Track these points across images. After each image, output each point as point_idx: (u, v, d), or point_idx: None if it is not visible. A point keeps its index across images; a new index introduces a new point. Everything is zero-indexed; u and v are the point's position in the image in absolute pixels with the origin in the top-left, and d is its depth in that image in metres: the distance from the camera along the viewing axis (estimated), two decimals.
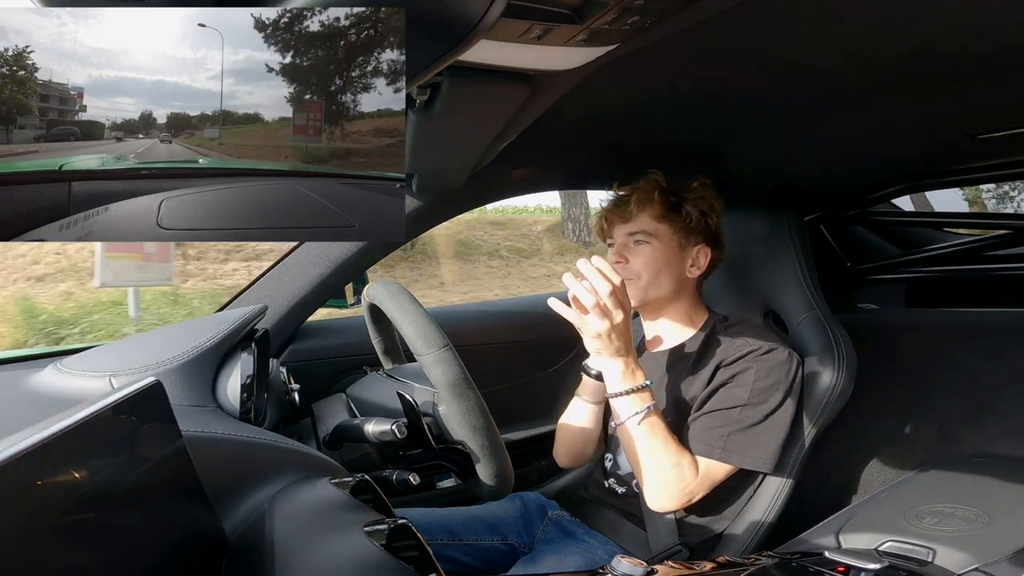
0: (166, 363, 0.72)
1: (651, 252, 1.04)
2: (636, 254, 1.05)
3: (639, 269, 1.04)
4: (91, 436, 0.39)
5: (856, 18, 0.66)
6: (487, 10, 0.40)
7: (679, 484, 0.92)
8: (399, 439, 0.74)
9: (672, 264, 1.05)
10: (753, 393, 0.96)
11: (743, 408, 0.96)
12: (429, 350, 0.72)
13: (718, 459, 0.95)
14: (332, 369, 1.31)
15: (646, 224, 1.04)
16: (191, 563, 0.48)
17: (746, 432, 0.95)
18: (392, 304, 0.77)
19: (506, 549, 1.09)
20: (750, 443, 0.95)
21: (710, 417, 0.97)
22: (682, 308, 1.09)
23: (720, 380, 0.98)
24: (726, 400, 0.97)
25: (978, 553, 0.77)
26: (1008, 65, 0.75)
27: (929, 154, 1.12)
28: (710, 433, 0.96)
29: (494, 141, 0.82)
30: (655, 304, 1.08)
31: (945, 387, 1.18)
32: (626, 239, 1.06)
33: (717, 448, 0.95)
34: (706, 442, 0.95)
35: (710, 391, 0.99)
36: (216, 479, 0.56)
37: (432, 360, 0.72)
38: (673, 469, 0.92)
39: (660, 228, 1.04)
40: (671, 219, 1.05)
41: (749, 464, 0.96)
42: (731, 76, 0.83)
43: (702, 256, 1.08)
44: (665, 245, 1.04)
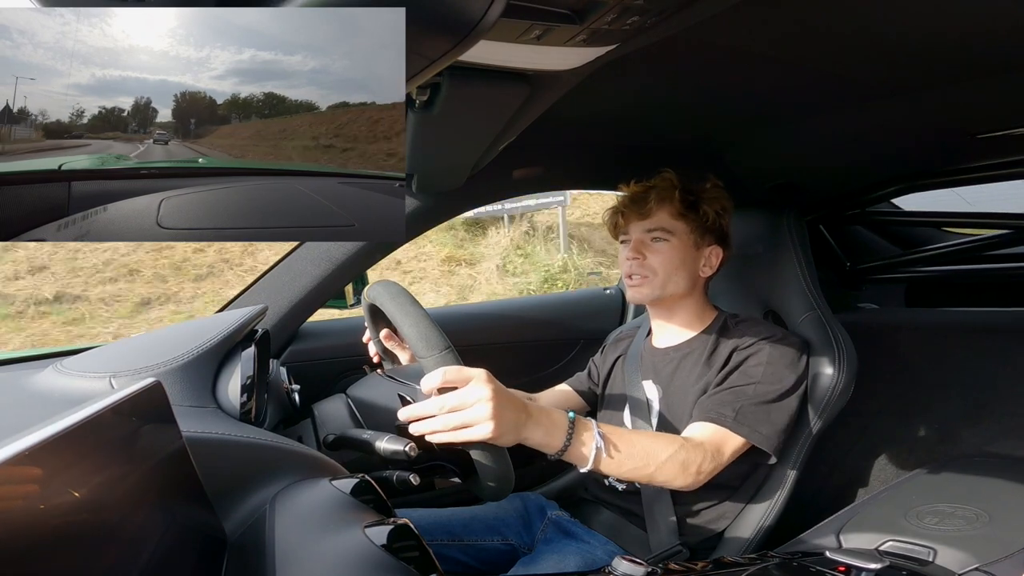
0: (166, 364, 0.72)
1: (669, 250, 1.04)
2: (654, 251, 1.05)
3: (656, 266, 1.04)
4: (92, 437, 0.39)
5: (856, 18, 0.66)
6: (487, 10, 0.40)
7: (688, 460, 0.88)
8: (411, 458, 0.74)
9: (688, 263, 1.05)
10: (767, 372, 0.97)
11: (757, 385, 0.96)
12: (430, 352, 0.71)
13: (728, 427, 0.92)
14: (332, 370, 1.31)
15: (665, 221, 1.04)
16: (192, 563, 0.48)
17: (758, 407, 0.95)
18: (393, 305, 0.76)
19: (506, 549, 1.09)
20: (761, 419, 0.94)
21: (724, 393, 0.97)
22: (692, 306, 1.09)
23: (735, 362, 0.99)
24: (739, 379, 0.97)
25: (979, 553, 0.77)
26: (1008, 65, 0.75)
27: (929, 154, 1.12)
28: (724, 405, 0.95)
29: (494, 141, 0.82)
30: (669, 301, 1.08)
31: (945, 387, 1.18)
32: (643, 235, 1.06)
33: (728, 417, 0.93)
34: (718, 411, 0.94)
35: (725, 374, 0.99)
36: (216, 479, 0.57)
37: (433, 363, 0.71)
38: (675, 451, 0.87)
39: (678, 226, 1.04)
40: (688, 218, 1.05)
41: (757, 439, 0.94)
42: (731, 76, 0.84)
43: (714, 256, 1.08)
44: (682, 243, 1.05)
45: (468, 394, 0.70)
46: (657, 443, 0.87)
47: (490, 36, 0.45)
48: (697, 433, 0.93)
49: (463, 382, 0.70)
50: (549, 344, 1.61)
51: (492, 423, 0.69)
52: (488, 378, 0.71)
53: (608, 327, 1.52)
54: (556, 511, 1.13)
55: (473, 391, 0.70)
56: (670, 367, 1.07)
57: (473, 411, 0.69)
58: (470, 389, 0.70)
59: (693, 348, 1.07)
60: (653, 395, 1.08)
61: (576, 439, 0.79)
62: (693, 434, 0.93)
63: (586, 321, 1.65)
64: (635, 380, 1.11)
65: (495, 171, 1.09)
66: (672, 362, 1.08)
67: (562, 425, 0.79)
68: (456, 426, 0.70)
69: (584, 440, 0.80)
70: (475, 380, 0.70)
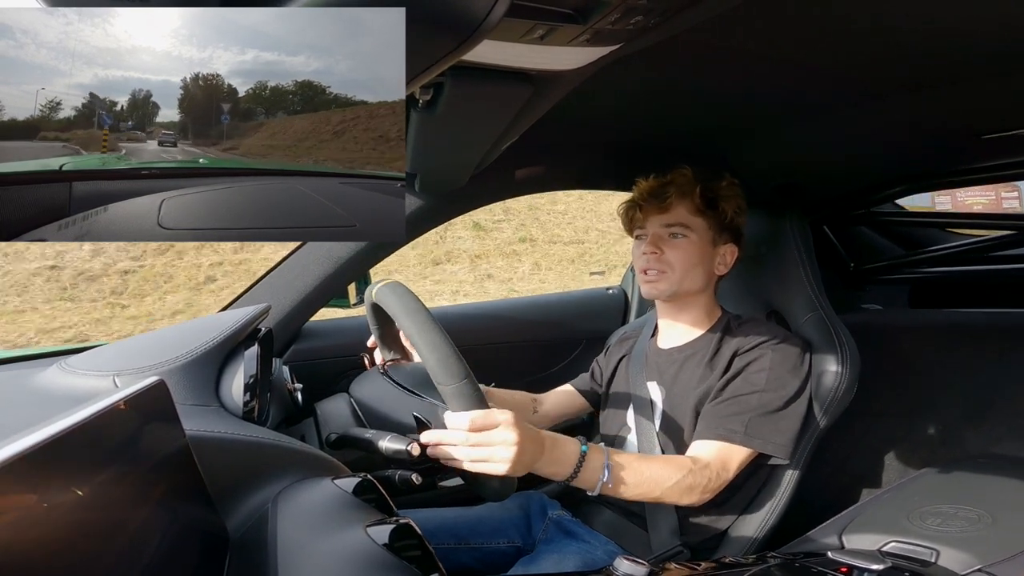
0: (170, 362, 0.72)
1: (687, 246, 1.03)
2: (672, 247, 1.04)
3: (673, 262, 1.03)
4: (95, 435, 0.39)
5: (859, 18, 0.66)
6: (490, 10, 0.40)
7: (695, 484, 0.90)
8: (413, 458, 0.74)
9: (704, 260, 1.05)
10: (771, 379, 0.96)
11: (762, 394, 0.95)
12: (451, 382, 0.71)
13: (740, 443, 0.93)
14: (335, 369, 1.31)
15: (684, 217, 1.03)
16: (194, 562, 0.49)
17: (767, 418, 0.95)
18: (410, 324, 0.73)
19: (510, 551, 1.09)
20: (771, 429, 0.95)
21: (728, 404, 0.96)
22: (703, 305, 1.09)
23: (736, 368, 0.98)
24: (743, 387, 0.97)
25: (981, 554, 0.77)
26: (1013, 65, 0.75)
27: (933, 154, 1.11)
28: (731, 419, 0.94)
29: (497, 141, 0.82)
30: (682, 298, 1.08)
31: (949, 388, 1.18)
32: (662, 230, 1.05)
33: (739, 433, 0.93)
34: (727, 427, 0.94)
35: (727, 380, 0.98)
36: (219, 478, 0.57)
37: (452, 392, 0.71)
38: (682, 476, 0.89)
39: (697, 222, 1.04)
40: (707, 214, 1.04)
41: (771, 450, 0.94)
42: (734, 76, 0.83)
43: (729, 255, 1.08)
44: (700, 239, 1.04)
45: (494, 436, 0.72)
46: (666, 469, 0.89)
47: (493, 36, 0.45)
48: (704, 452, 0.94)
49: (491, 426, 0.72)
50: (551, 344, 1.61)
51: (511, 464, 0.72)
52: (515, 422, 0.73)
53: (610, 327, 1.52)
54: (558, 511, 1.13)
55: (499, 435, 0.72)
56: (673, 368, 1.07)
57: (495, 451, 0.72)
58: (497, 433, 0.72)
59: (696, 349, 1.06)
60: (657, 396, 1.08)
61: (585, 469, 0.82)
62: (700, 453, 0.94)
63: (588, 321, 1.65)
64: (639, 381, 1.11)
65: (498, 171, 1.09)
66: (675, 363, 1.08)
67: (573, 457, 0.82)
68: (476, 459, 0.73)
69: (593, 469, 0.83)
70: (503, 426, 0.73)
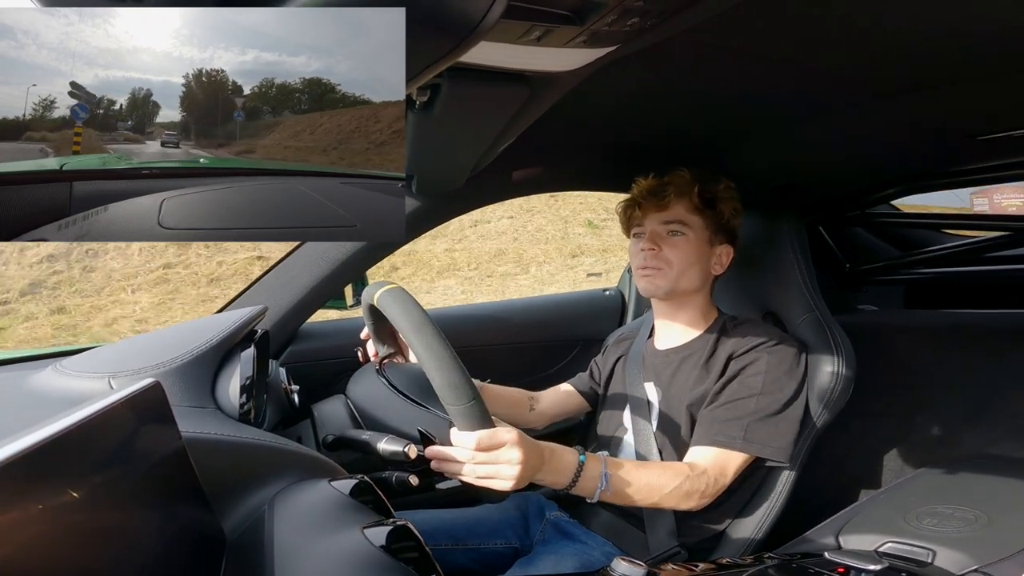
0: (166, 364, 0.72)
1: (685, 244, 1.04)
2: (670, 244, 1.04)
3: (671, 258, 1.04)
4: (91, 437, 0.39)
5: (856, 19, 0.66)
6: (487, 11, 0.40)
7: (692, 489, 0.91)
8: (411, 460, 0.75)
9: (701, 259, 1.05)
10: (767, 382, 0.96)
11: (759, 397, 0.96)
12: (459, 403, 0.71)
13: (739, 449, 0.94)
14: (331, 370, 1.31)
15: (682, 214, 1.04)
16: (190, 564, 0.48)
17: (764, 422, 0.95)
18: (416, 340, 0.71)
19: (507, 552, 1.09)
20: (769, 433, 0.95)
21: (726, 408, 0.97)
22: (699, 305, 1.09)
23: (733, 371, 0.99)
24: (740, 391, 0.97)
25: (978, 554, 0.77)
26: (1008, 67, 0.75)
27: (929, 155, 1.12)
28: (729, 424, 0.95)
29: (494, 142, 0.82)
30: (679, 297, 1.08)
31: (944, 388, 1.18)
32: (660, 227, 1.06)
33: (738, 439, 0.94)
34: (725, 433, 0.94)
35: (723, 383, 0.99)
36: (215, 480, 0.56)
37: (460, 412, 0.72)
38: (680, 482, 0.90)
39: (695, 220, 1.04)
40: (705, 213, 1.05)
41: (769, 453, 0.95)
42: (732, 77, 0.84)
43: (725, 255, 1.08)
44: (697, 238, 1.05)
45: (500, 455, 0.74)
46: (664, 476, 0.90)
47: (490, 37, 0.45)
48: (701, 458, 0.94)
49: (497, 446, 0.74)
50: (548, 345, 1.61)
51: (515, 481, 0.75)
52: (519, 442, 0.75)
53: (607, 329, 1.52)
54: (555, 512, 1.13)
55: (505, 455, 0.74)
56: (670, 369, 1.07)
57: (500, 469, 0.75)
58: (503, 452, 0.74)
59: (693, 350, 1.07)
60: (654, 397, 1.08)
61: (583, 478, 0.84)
62: (698, 459, 0.95)
63: (585, 323, 1.65)
64: (636, 381, 1.11)
65: (495, 172, 1.09)
66: (672, 364, 1.08)
67: (571, 467, 0.83)
68: (481, 476, 0.75)
69: (591, 478, 0.85)
70: (508, 445, 0.75)
